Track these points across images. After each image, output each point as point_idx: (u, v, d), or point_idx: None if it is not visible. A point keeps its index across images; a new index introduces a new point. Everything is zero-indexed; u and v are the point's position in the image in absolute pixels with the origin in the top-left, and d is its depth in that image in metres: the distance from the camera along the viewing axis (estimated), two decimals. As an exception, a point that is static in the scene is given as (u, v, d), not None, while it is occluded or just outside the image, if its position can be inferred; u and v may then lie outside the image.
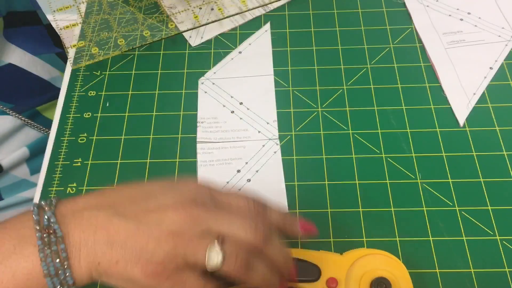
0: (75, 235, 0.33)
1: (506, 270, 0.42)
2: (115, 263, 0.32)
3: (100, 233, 0.33)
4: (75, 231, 0.33)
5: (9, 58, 0.55)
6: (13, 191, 0.56)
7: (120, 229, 0.33)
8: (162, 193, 0.34)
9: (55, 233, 0.32)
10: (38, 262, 0.32)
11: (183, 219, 0.32)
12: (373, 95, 0.52)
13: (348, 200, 0.45)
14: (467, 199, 0.45)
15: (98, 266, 0.33)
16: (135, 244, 0.32)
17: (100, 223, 0.33)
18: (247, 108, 0.51)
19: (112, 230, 0.33)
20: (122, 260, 0.32)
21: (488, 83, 0.52)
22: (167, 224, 0.32)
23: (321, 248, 0.41)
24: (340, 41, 0.56)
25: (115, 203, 0.34)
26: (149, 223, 0.33)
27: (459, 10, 0.58)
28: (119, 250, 0.32)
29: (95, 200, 0.34)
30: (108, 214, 0.33)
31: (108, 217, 0.33)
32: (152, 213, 0.33)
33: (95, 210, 0.33)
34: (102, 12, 0.57)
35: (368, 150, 0.48)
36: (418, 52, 0.55)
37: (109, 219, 0.33)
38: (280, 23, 0.58)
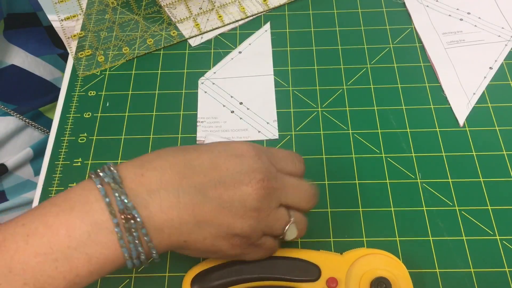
0: (156, 217, 0.32)
1: (506, 270, 0.42)
2: (202, 239, 0.34)
3: (186, 215, 0.33)
4: (156, 214, 0.32)
5: (11, 60, 0.55)
6: (18, 192, 0.56)
7: (206, 209, 0.33)
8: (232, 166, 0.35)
9: (134, 219, 0.31)
10: (118, 249, 0.32)
11: (262, 196, 0.35)
12: (373, 95, 0.52)
13: (348, 200, 0.45)
14: (467, 199, 0.45)
15: (183, 244, 0.34)
16: (223, 222, 0.34)
17: (182, 204, 0.33)
18: (247, 108, 0.51)
19: (197, 210, 0.33)
20: (210, 237, 0.34)
21: (488, 83, 0.52)
22: (249, 202, 0.34)
23: (321, 248, 0.41)
24: (340, 41, 0.56)
25: (194, 182, 0.34)
26: (233, 201, 0.34)
27: (459, 10, 0.58)
28: (207, 229, 0.34)
29: (167, 174, 0.34)
30: (190, 194, 0.33)
31: (190, 197, 0.33)
32: (232, 190, 0.34)
33: (173, 189, 0.33)
34: (107, 21, 0.57)
35: (368, 150, 0.48)
36: (418, 52, 0.55)
37: (192, 200, 0.33)
38: (280, 23, 0.58)
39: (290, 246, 0.43)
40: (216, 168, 0.35)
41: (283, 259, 0.39)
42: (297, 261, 0.39)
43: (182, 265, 0.42)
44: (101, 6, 0.59)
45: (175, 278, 0.42)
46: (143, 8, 0.59)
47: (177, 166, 0.34)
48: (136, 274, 0.42)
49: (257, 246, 0.37)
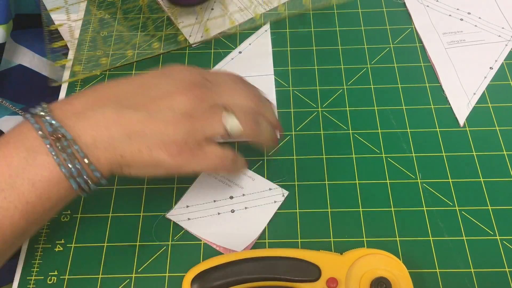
0: (87, 134, 0.34)
1: (506, 270, 0.42)
2: (138, 152, 0.34)
3: (114, 128, 0.34)
4: (85, 131, 0.34)
5: (19, 60, 0.56)
6: None
7: (133, 120, 0.34)
8: (160, 82, 0.36)
9: (64, 137, 0.33)
10: (56, 168, 0.33)
11: (192, 99, 0.35)
12: (373, 95, 0.52)
13: (348, 200, 0.45)
14: (467, 199, 0.45)
15: (120, 159, 0.35)
16: (154, 130, 0.34)
17: (109, 119, 0.34)
18: None
19: (125, 123, 0.34)
20: (144, 148, 0.34)
21: (488, 83, 0.52)
22: (178, 107, 0.35)
23: (321, 248, 0.41)
24: (340, 41, 0.56)
25: (117, 98, 0.35)
26: (161, 109, 0.35)
27: (459, 10, 0.58)
28: (139, 140, 0.34)
29: (92, 98, 0.35)
30: (115, 108, 0.34)
31: (116, 111, 0.34)
32: (159, 100, 0.35)
33: (99, 108, 0.34)
34: (110, 25, 0.57)
35: (368, 150, 0.48)
36: (418, 52, 0.55)
37: (118, 114, 0.34)
38: (280, 23, 0.58)
39: (290, 246, 0.43)
40: (143, 85, 0.36)
41: (283, 259, 0.39)
42: (297, 261, 0.39)
43: (182, 265, 0.42)
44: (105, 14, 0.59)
45: (175, 278, 0.42)
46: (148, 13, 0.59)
47: (105, 90, 0.36)
48: (136, 274, 0.42)
49: (199, 154, 0.36)
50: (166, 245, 0.43)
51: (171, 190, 0.46)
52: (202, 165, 0.37)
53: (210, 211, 0.45)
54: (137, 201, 0.46)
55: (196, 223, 0.44)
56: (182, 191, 0.46)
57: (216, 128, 0.37)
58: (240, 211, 0.45)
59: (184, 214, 0.45)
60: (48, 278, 0.42)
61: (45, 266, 0.43)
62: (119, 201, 0.46)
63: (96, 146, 0.34)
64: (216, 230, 0.44)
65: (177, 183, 0.47)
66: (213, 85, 0.38)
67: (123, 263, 0.43)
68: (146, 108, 0.35)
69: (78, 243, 0.44)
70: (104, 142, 0.34)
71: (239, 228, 0.44)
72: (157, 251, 0.43)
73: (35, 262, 0.43)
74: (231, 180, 0.46)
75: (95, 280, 0.42)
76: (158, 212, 0.45)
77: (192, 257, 0.43)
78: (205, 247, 0.43)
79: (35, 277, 0.42)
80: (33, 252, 0.43)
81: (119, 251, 0.43)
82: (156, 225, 0.44)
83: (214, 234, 0.44)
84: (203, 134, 0.36)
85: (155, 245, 0.43)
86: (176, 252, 0.43)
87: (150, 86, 0.36)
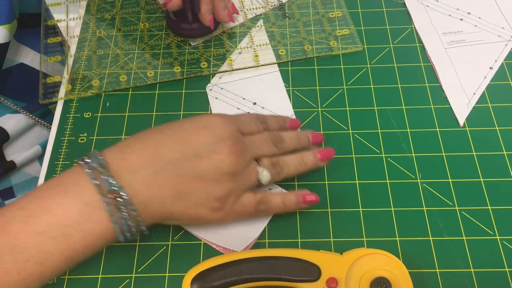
0: (140, 194, 0.37)
1: (506, 270, 0.42)
2: (184, 209, 0.38)
3: (165, 188, 0.37)
4: (139, 191, 0.37)
5: (21, 58, 0.56)
6: (25, 189, 0.57)
7: (183, 181, 0.38)
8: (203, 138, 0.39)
9: (121, 197, 0.36)
10: (109, 224, 0.36)
11: (234, 160, 0.38)
12: (373, 95, 0.52)
13: (348, 200, 0.45)
14: (467, 199, 0.45)
15: (169, 215, 0.39)
16: (201, 190, 0.38)
17: (162, 181, 0.37)
18: (262, 107, 0.51)
19: (175, 184, 0.37)
20: (192, 206, 0.38)
21: (488, 83, 0.52)
22: (223, 168, 0.38)
23: (321, 248, 0.41)
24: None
25: (169, 159, 0.38)
26: (208, 170, 0.38)
27: (459, 10, 0.58)
28: (187, 199, 0.38)
29: (146, 156, 0.38)
30: (166, 170, 0.37)
31: (167, 174, 0.37)
32: (206, 160, 0.38)
33: (152, 168, 0.37)
34: (108, 46, 0.56)
35: (368, 150, 0.48)
36: (418, 52, 0.55)
37: (169, 176, 0.37)
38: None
39: (290, 246, 0.43)
40: (188, 143, 0.38)
41: (283, 259, 0.39)
42: (297, 261, 0.39)
43: (182, 265, 0.42)
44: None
45: (175, 278, 0.42)
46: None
47: (153, 147, 0.38)
48: (136, 274, 0.42)
49: (237, 205, 0.40)
50: (166, 245, 0.43)
51: (171, 190, 0.46)
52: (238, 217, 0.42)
53: None
54: (137, 201, 0.46)
55: (196, 223, 0.44)
56: (182, 191, 0.46)
57: (252, 181, 0.41)
58: None
59: (184, 214, 0.45)
60: (48, 278, 0.42)
61: (45, 266, 0.43)
62: (119, 201, 0.46)
63: (147, 205, 0.37)
64: (216, 230, 0.44)
65: (177, 183, 0.47)
66: (248, 139, 0.42)
67: (123, 263, 0.43)
68: (194, 168, 0.38)
69: (78, 243, 0.44)
70: (155, 201, 0.37)
71: (239, 228, 0.44)
72: (157, 251, 0.43)
73: (35, 262, 0.43)
74: None
75: (95, 280, 0.42)
76: (158, 212, 0.45)
77: (192, 257, 0.43)
78: (205, 247, 0.43)
79: (35, 277, 0.42)
80: (33, 252, 0.43)
81: (119, 251, 0.43)
82: (156, 225, 0.44)
83: (214, 234, 0.44)
84: (242, 189, 0.41)
85: (155, 245, 0.43)
86: (176, 252, 0.43)
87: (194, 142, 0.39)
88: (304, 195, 0.43)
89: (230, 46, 0.55)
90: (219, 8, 0.54)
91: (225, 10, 0.54)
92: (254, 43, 0.55)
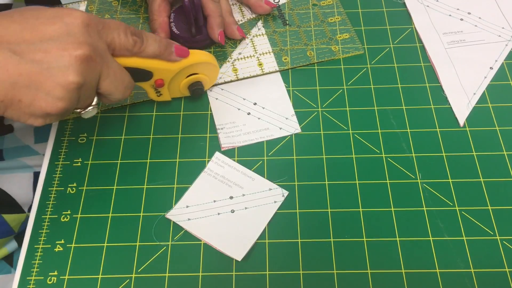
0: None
1: (506, 270, 0.42)
2: (18, 101, 0.36)
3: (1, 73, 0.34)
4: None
5: None
6: (15, 155, 0.57)
7: (21, 70, 0.35)
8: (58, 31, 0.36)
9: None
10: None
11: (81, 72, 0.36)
12: (373, 95, 0.52)
13: (348, 200, 0.45)
14: (467, 199, 0.45)
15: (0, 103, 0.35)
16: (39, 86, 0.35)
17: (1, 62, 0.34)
18: (262, 107, 0.51)
19: (12, 70, 0.35)
20: (25, 99, 0.35)
21: (488, 83, 0.52)
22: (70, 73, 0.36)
23: (321, 247, 0.41)
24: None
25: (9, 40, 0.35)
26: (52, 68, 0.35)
27: (459, 10, 0.58)
28: (22, 90, 0.35)
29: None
30: (5, 53, 0.34)
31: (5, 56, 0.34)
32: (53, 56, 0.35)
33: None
34: None
35: (368, 150, 0.48)
36: (418, 52, 0.55)
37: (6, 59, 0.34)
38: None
39: (290, 245, 0.43)
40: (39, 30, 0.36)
41: (126, 69, 0.42)
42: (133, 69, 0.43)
43: (182, 265, 0.42)
44: None
45: (175, 278, 0.42)
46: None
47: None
48: (136, 274, 0.42)
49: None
50: (166, 245, 0.43)
51: (171, 190, 0.46)
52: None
53: (210, 211, 0.45)
54: (137, 201, 0.46)
55: (196, 223, 0.44)
56: (182, 191, 0.46)
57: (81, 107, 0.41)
58: (240, 211, 0.45)
59: (184, 214, 0.45)
60: (48, 278, 0.42)
61: (45, 266, 0.43)
62: (119, 201, 0.46)
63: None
64: (216, 230, 0.44)
65: (177, 183, 0.47)
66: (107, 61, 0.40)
67: (123, 263, 0.43)
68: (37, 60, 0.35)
69: (78, 243, 0.44)
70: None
71: (239, 228, 0.44)
72: (157, 251, 0.43)
73: (35, 262, 0.43)
74: (231, 180, 0.47)
75: (95, 280, 0.42)
76: (158, 212, 0.45)
77: (192, 257, 0.43)
78: (205, 247, 0.43)
79: (35, 277, 0.42)
80: (33, 252, 0.43)
81: (119, 251, 0.43)
82: (156, 225, 0.44)
83: (214, 235, 0.44)
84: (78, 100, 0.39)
85: (155, 245, 0.43)
86: (176, 252, 0.43)
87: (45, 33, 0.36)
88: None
89: (231, 54, 0.55)
90: (230, 22, 0.53)
91: (235, 25, 0.54)
92: (257, 51, 0.55)
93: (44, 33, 0.36)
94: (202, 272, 0.42)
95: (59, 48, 0.35)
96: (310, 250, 0.43)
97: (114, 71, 0.40)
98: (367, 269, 0.42)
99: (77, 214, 0.45)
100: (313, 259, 0.42)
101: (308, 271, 0.42)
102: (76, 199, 0.46)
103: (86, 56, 0.36)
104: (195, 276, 0.42)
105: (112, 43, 0.40)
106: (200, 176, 0.47)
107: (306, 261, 0.42)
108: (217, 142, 0.49)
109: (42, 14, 0.37)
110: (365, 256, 0.43)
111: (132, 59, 0.42)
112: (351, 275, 0.42)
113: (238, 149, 0.48)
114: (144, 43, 0.42)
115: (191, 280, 0.42)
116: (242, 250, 0.43)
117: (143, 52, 0.42)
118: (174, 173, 0.47)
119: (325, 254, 0.43)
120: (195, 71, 0.48)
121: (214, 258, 0.43)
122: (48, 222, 0.45)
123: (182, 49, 0.45)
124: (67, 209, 0.45)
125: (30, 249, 0.43)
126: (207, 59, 0.47)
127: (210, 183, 0.46)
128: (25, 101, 0.36)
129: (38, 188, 0.47)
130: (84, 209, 0.45)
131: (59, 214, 0.45)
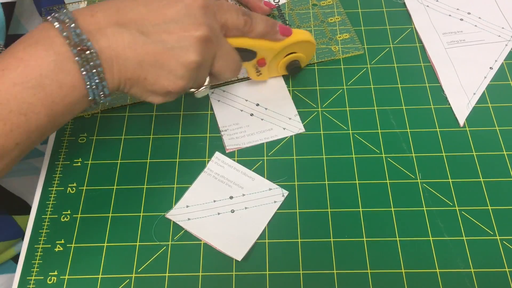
0: (106, 52, 0.36)
1: (506, 270, 0.42)
2: (143, 79, 0.38)
3: (129, 51, 0.37)
4: (105, 47, 0.36)
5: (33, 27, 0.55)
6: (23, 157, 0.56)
7: (148, 50, 0.37)
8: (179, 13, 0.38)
9: (89, 50, 0.36)
10: (79, 76, 0.36)
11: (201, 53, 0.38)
12: (373, 95, 0.52)
13: (348, 200, 0.45)
14: (467, 199, 0.45)
15: (127, 80, 0.38)
16: (163, 65, 0.38)
17: (127, 42, 0.37)
18: (265, 108, 0.51)
19: (139, 50, 0.37)
20: (150, 77, 0.38)
21: (488, 83, 0.52)
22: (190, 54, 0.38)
23: (321, 248, 0.41)
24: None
25: (136, 21, 0.37)
26: (174, 48, 0.38)
27: (459, 10, 0.58)
28: (148, 68, 0.38)
29: (115, 17, 0.37)
30: (133, 33, 0.37)
31: (133, 36, 0.37)
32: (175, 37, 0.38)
33: (118, 27, 0.37)
34: None
35: (368, 150, 0.48)
36: (418, 52, 0.55)
37: (135, 40, 0.37)
38: (280, 23, 0.58)
39: (290, 245, 0.43)
40: (162, 13, 0.38)
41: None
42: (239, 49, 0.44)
43: (182, 265, 0.42)
44: None
45: (175, 278, 0.42)
46: None
47: (124, 9, 0.38)
48: (136, 274, 0.42)
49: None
50: (166, 245, 0.43)
51: (171, 190, 0.46)
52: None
53: (210, 211, 0.45)
54: (137, 201, 0.46)
55: (196, 223, 0.44)
56: (182, 191, 0.46)
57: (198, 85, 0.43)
58: (240, 211, 0.45)
59: (184, 214, 0.45)
60: (48, 278, 0.42)
61: (45, 266, 0.43)
62: (119, 201, 0.46)
63: (112, 64, 0.37)
64: (216, 230, 0.44)
65: (177, 183, 0.47)
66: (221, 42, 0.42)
67: (123, 263, 0.43)
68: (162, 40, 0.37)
69: (78, 243, 0.44)
70: (120, 62, 0.37)
71: (239, 228, 0.44)
72: (157, 251, 0.43)
73: (35, 262, 0.43)
74: (231, 180, 0.47)
75: (95, 280, 0.42)
76: (158, 212, 0.45)
77: (192, 257, 0.43)
78: (205, 247, 0.43)
79: (35, 277, 0.42)
80: (33, 252, 0.43)
81: (119, 251, 0.43)
82: (156, 225, 0.44)
83: (214, 235, 0.44)
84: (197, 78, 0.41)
85: (155, 245, 0.43)
86: (176, 252, 0.43)
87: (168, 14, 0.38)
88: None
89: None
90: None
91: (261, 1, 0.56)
92: None
93: (167, 14, 0.38)
94: (202, 272, 0.42)
95: (181, 29, 0.38)
96: (310, 250, 0.43)
97: (227, 51, 0.42)
98: (367, 269, 0.42)
99: (77, 214, 0.45)
100: (313, 259, 0.42)
101: (308, 271, 0.42)
102: (76, 199, 0.46)
103: (205, 37, 0.38)
104: (195, 276, 0.42)
105: (225, 24, 0.42)
106: (200, 176, 0.47)
107: (306, 261, 0.42)
108: (217, 142, 0.49)
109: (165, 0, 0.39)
110: (365, 256, 0.43)
111: (241, 39, 0.44)
112: (351, 275, 0.42)
113: (238, 149, 0.48)
114: (253, 23, 0.44)
115: (191, 280, 0.42)
116: (242, 250, 0.43)
117: (252, 31, 0.44)
118: (174, 173, 0.47)
119: (325, 254, 0.43)
120: (293, 50, 0.49)
121: (214, 258, 0.43)
122: (48, 222, 0.45)
123: (286, 28, 0.47)
124: (67, 209, 0.45)
125: (30, 249, 0.43)
126: (308, 38, 0.48)
127: (210, 183, 0.46)
128: (149, 79, 0.38)
129: (38, 188, 0.47)
130: (84, 209, 0.45)
131: (59, 214, 0.45)
